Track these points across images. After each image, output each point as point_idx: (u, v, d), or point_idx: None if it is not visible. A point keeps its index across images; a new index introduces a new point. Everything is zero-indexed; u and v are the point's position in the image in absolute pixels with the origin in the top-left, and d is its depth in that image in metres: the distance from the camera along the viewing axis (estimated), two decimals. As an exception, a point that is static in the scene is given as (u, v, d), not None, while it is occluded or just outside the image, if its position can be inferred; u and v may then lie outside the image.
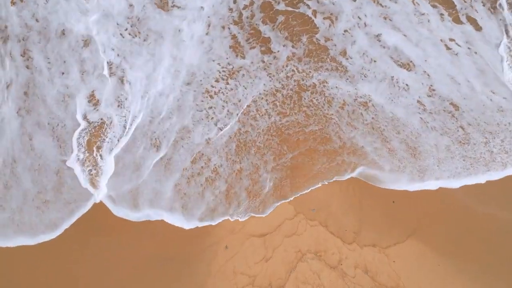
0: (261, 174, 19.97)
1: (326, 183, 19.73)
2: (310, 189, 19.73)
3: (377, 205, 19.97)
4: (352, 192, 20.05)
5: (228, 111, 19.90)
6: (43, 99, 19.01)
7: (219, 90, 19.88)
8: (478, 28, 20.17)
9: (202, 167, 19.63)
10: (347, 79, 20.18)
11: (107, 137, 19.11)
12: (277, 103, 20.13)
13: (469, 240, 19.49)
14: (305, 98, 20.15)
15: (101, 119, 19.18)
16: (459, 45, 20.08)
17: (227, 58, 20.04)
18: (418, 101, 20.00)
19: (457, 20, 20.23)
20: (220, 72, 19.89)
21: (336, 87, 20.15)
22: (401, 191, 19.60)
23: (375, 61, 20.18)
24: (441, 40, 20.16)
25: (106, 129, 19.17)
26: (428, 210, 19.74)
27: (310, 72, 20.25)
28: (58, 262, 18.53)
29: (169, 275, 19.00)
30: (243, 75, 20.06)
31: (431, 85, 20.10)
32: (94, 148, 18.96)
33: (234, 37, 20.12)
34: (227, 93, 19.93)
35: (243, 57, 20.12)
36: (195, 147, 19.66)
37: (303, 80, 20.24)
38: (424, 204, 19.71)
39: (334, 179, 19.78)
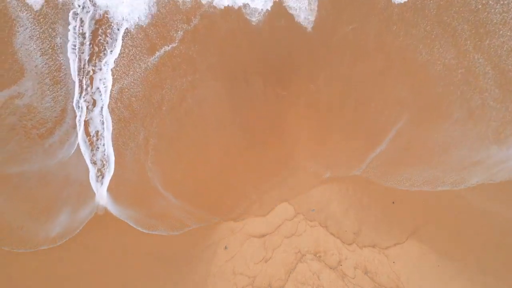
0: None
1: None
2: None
3: (377, 206, 19.92)
4: (352, 192, 20.00)
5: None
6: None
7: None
8: None
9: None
10: None
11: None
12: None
13: (469, 240, 19.41)
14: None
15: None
16: None
17: None
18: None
19: None
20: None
21: None
22: (401, 191, 19.56)
23: None
24: None
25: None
26: (428, 210, 19.68)
27: None
28: (62, 264, 18.54)
29: (169, 274, 18.99)
30: None
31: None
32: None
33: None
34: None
35: None
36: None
37: None
38: (424, 204, 19.64)
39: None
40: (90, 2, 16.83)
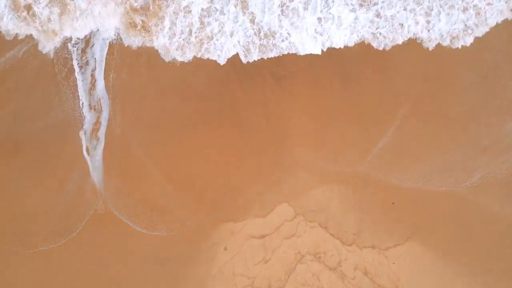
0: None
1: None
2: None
3: (377, 206, 19.92)
4: (352, 193, 20.01)
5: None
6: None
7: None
8: None
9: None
10: None
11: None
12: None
13: (469, 240, 19.40)
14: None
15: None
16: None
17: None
18: None
19: None
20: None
21: None
22: (401, 192, 19.55)
23: None
24: None
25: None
26: (428, 210, 19.68)
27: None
28: (62, 264, 18.55)
29: (169, 275, 19.00)
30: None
31: None
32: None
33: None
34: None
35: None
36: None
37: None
38: (424, 205, 19.65)
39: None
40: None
